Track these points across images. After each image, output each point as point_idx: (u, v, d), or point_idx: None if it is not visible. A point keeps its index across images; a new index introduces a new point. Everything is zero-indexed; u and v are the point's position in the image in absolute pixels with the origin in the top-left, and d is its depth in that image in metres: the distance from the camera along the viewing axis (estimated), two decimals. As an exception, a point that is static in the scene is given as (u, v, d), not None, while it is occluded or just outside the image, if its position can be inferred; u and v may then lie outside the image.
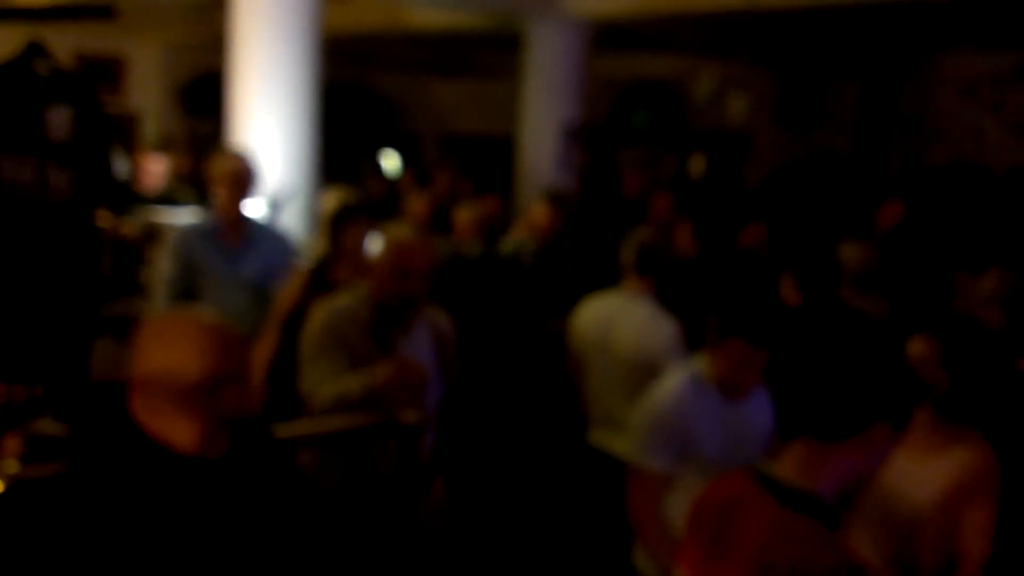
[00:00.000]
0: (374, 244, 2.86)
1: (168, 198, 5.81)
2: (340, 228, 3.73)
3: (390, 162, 11.43)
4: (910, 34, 8.34)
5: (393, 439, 2.51)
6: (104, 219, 4.80)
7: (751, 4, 5.05)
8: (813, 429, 1.68)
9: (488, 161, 10.79)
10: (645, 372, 3.42)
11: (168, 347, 1.69)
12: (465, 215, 4.61)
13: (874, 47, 8.97)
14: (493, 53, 10.79)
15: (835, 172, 8.74)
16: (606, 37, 7.23)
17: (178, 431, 1.69)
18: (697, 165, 11.29)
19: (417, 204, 5.45)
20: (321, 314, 2.77)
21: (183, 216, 5.08)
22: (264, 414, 2.23)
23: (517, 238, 5.02)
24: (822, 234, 4.67)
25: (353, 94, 11.62)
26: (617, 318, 3.54)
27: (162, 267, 3.89)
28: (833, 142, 10.23)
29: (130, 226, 5.15)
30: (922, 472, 2.21)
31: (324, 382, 2.62)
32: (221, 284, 3.79)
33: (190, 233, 3.91)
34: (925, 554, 2.21)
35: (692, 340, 3.45)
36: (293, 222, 5.11)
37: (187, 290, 3.79)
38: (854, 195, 4.32)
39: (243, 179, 3.83)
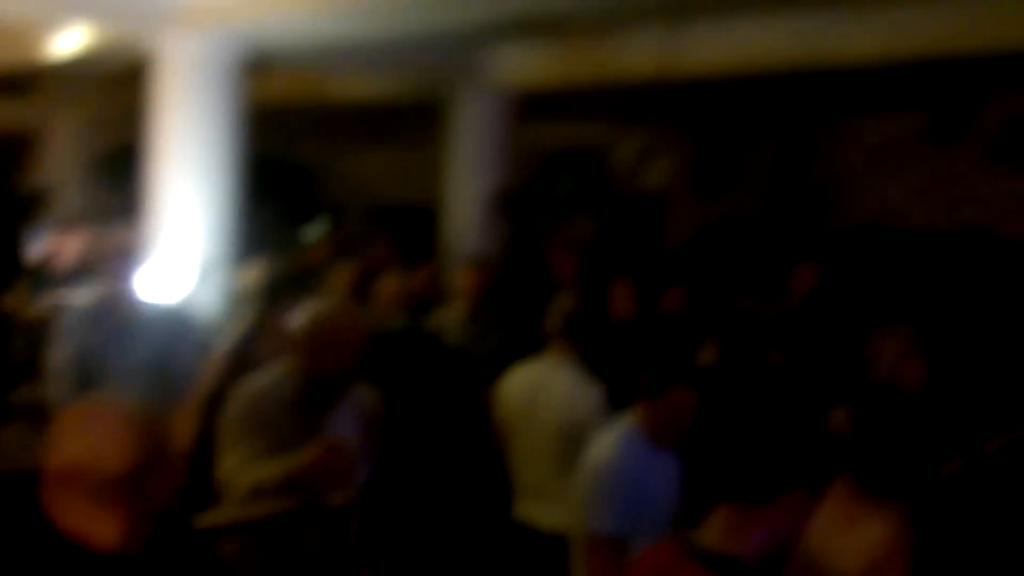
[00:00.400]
0: (298, 317, 2.73)
1: (81, 276, 5.64)
2: (270, 303, 3.66)
3: (314, 232, 11.37)
4: (818, 100, 8.78)
5: (319, 525, 2.42)
6: (12, 301, 4.63)
7: (669, 72, 5.25)
8: (735, 492, 1.72)
9: (412, 231, 10.85)
10: (572, 441, 3.42)
11: (89, 438, 1.62)
12: (390, 286, 4.57)
13: (784, 113, 9.39)
14: (416, 122, 10.93)
15: (749, 236, 9.02)
16: (529, 105, 7.40)
17: (98, 527, 1.62)
18: (616, 229, 11.56)
19: (343, 275, 5.40)
20: (240, 395, 2.65)
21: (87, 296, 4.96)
22: (183, 504, 2.12)
23: (449, 310, 5.00)
24: (741, 297, 4.78)
25: (273, 165, 11.58)
26: (543, 386, 3.53)
27: (55, 353, 3.71)
28: (747, 206, 10.59)
29: (38, 307, 4.98)
30: (842, 544, 2.22)
31: (244, 468, 2.48)
32: (114, 367, 3.64)
33: (82, 314, 3.73)
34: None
35: (616, 404, 3.47)
36: (212, 297, 5.02)
37: (83, 375, 3.62)
38: (767, 258, 4.48)
39: (126, 254, 3.69)
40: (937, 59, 5.01)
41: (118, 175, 10.58)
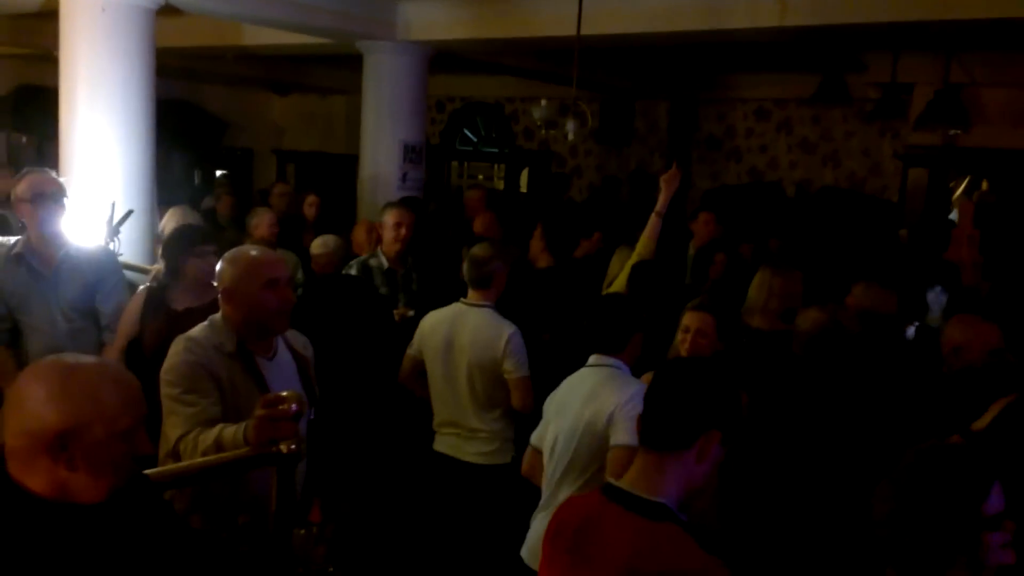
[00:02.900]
0: (222, 266, 2.69)
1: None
2: (182, 253, 3.63)
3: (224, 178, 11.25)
4: (712, 63, 9.24)
5: (271, 467, 2.33)
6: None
7: (568, 33, 5.52)
8: (650, 439, 1.78)
9: (325, 177, 10.90)
10: (484, 377, 3.69)
11: (87, 397, 1.61)
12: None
13: (677, 71, 9.84)
14: (329, 70, 10.91)
15: (648, 187, 9.47)
16: (442, 59, 7.57)
17: (84, 483, 1.63)
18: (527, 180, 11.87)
19: (262, 221, 5.53)
20: (181, 349, 2.57)
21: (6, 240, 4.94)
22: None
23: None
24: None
25: (183, 110, 11.36)
26: (458, 326, 3.74)
27: None
28: (646, 159, 11.08)
29: None
30: None
31: (191, 431, 2.44)
32: (39, 310, 3.64)
33: (2, 258, 3.64)
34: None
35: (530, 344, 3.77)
36: (130, 241, 5.06)
37: (5, 320, 3.62)
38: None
39: (45, 198, 3.59)
40: (821, 28, 5.46)
41: (25, 117, 10.23)
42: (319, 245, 5.29)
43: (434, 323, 3.86)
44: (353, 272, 4.63)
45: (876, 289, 3.85)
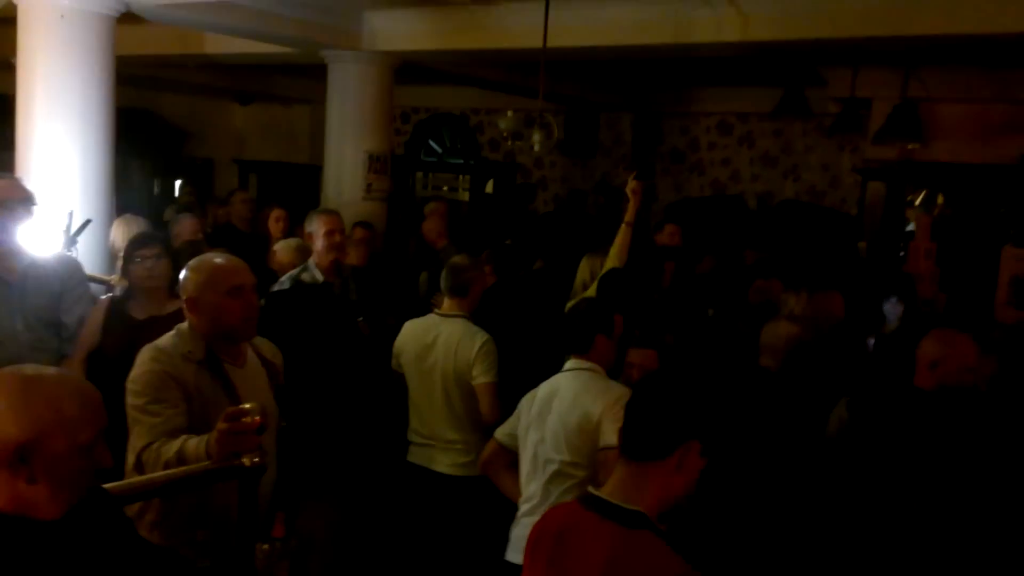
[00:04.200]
0: (185, 275, 2.67)
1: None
2: (127, 260, 3.63)
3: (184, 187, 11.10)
4: (676, 77, 9.33)
5: (233, 481, 2.30)
6: None
7: (534, 46, 5.54)
8: (630, 449, 1.79)
9: (287, 187, 10.80)
10: (458, 386, 3.71)
11: (50, 409, 1.58)
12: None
13: (642, 85, 9.93)
14: (292, 79, 10.83)
15: (613, 199, 9.51)
16: (407, 70, 7.55)
17: (42, 498, 1.59)
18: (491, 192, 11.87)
19: (184, 229, 5.42)
20: (148, 359, 2.53)
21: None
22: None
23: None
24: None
25: (143, 119, 11.19)
26: (435, 336, 3.77)
27: None
28: (611, 171, 11.15)
29: None
30: None
31: (156, 441, 2.39)
32: (1, 320, 3.53)
33: None
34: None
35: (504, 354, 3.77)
36: (88, 251, 4.97)
37: None
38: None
39: (12, 205, 3.53)
40: (782, 43, 5.54)
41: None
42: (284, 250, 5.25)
43: (410, 334, 3.88)
44: (287, 288, 4.34)
45: (817, 297, 3.85)
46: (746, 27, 5.43)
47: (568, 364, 3.05)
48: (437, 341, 3.75)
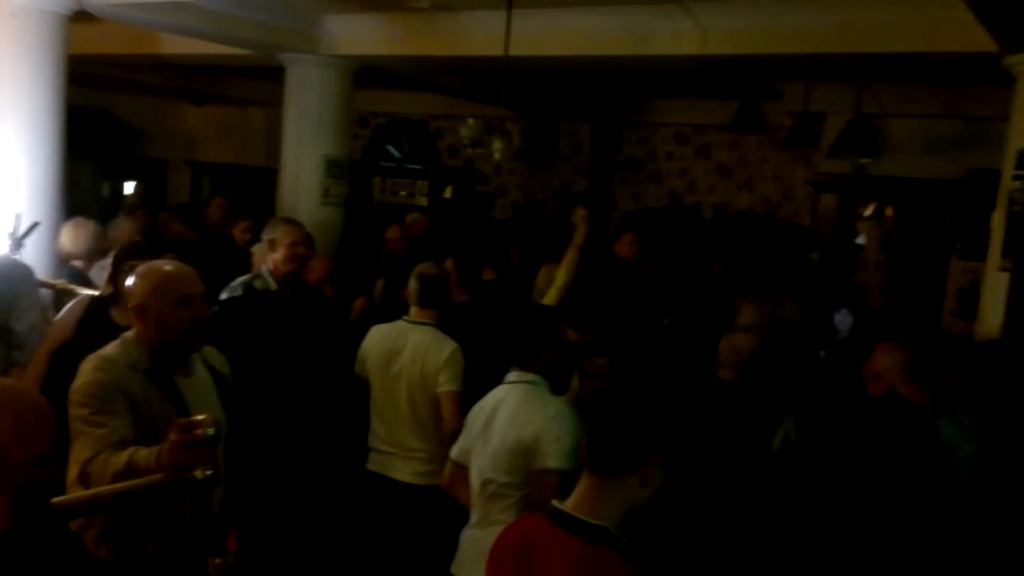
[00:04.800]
0: (133, 281, 2.58)
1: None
2: (118, 267, 3.52)
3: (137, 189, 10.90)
4: (635, 88, 9.42)
5: (185, 494, 2.24)
6: None
7: (496, 54, 5.55)
8: (594, 463, 1.80)
9: (242, 190, 10.66)
10: (429, 393, 3.65)
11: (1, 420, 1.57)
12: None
13: (601, 95, 10.00)
14: (248, 81, 10.71)
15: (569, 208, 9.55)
16: (367, 74, 7.51)
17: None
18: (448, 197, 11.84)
19: (122, 233, 5.30)
20: (92, 368, 2.45)
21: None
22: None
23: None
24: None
25: (94, 118, 10.97)
26: (401, 343, 3.72)
27: None
28: (570, 179, 11.21)
29: None
30: None
31: (101, 453, 2.30)
32: None
33: None
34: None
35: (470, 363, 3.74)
36: (36, 254, 4.86)
37: None
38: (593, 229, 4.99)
39: None
40: (739, 57, 5.63)
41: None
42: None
43: (377, 339, 3.82)
44: (239, 294, 4.18)
45: (772, 306, 3.89)
46: (704, 41, 5.50)
47: (510, 375, 2.97)
48: (405, 348, 3.70)
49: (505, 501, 2.82)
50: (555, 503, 1.84)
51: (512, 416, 2.84)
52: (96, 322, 3.47)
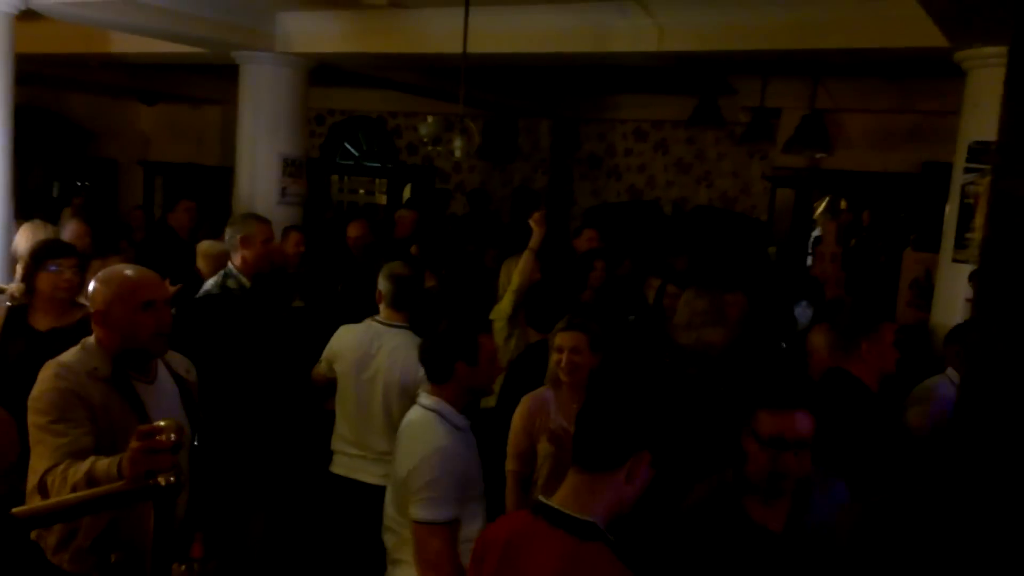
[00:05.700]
0: (94, 287, 2.52)
1: None
2: (35, 268, 3.46)
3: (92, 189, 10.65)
4: (594, 84, 9.44)
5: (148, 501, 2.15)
6: None
7: (454, 51, 5.52)
8: (581, 460, 1.81)
9: (196, 190, 10.48)
10: (406, 397, 3.58)
11: None
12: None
13: (560, 91, 10.02)
14: (201, 79, 10.52)
15: (529, 204, 9.55)
16: (323, 71, 7.42)
17: None
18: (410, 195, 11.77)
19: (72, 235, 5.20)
20: (51, 375, 2.39)
21: None
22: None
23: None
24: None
25: (43, 118, 10.70)
26: (374, 344, 3.64)
27: None
28: (530, 176, 11.22)
29: None
30: None
31: (63, 458, 2.26)
32: None
33: None
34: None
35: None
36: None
37: None
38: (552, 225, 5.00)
39: None
40: (696, 54, 5.67)
41: None
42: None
43: (348, 340, 3.72)
44: (216, 293, 4.07)
45: (725, 298, 3.89)
46: (662, 38, 5.53)
47: (420, 397, 2.81)
48: (380, 352, 3.62)
49: (395, 538, 2.74)
50: (541, 498, 1.84)
51: (405, 449, 2.72)
52: (17, 332, 3.39)
